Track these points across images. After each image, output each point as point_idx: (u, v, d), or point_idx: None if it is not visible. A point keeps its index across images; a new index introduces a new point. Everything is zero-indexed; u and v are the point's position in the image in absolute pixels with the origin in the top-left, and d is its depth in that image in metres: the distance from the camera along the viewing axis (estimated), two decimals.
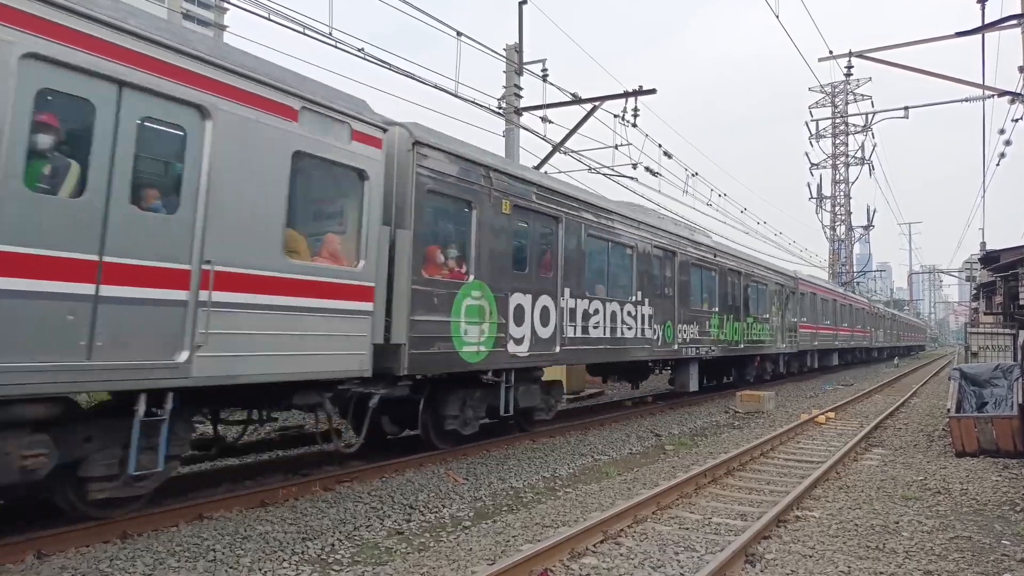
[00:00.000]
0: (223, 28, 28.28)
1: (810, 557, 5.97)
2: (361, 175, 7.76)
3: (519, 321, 10.33)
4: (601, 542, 6.16)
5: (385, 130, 8.17)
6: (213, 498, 6.99)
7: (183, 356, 5.93)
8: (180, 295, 5.94)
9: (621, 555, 5.88)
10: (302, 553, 5.94)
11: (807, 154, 62.46)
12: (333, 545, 6.18)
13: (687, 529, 6.73)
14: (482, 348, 9.54)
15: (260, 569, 5.50)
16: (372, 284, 7.82)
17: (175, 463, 6.55)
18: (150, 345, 5.72)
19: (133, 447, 5.76)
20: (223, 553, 5.77)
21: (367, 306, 7.75)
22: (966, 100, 23.16)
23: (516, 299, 10.27)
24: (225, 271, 6.27)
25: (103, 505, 6.11)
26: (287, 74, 7.10)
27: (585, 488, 8.57)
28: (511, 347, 10.12)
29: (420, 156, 8.59)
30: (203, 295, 6.07)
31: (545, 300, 10.94)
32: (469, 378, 9.82)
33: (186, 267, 5.99)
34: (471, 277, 9.45)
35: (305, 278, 7.05)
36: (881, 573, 5.64)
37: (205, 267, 6.08)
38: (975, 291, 37.50)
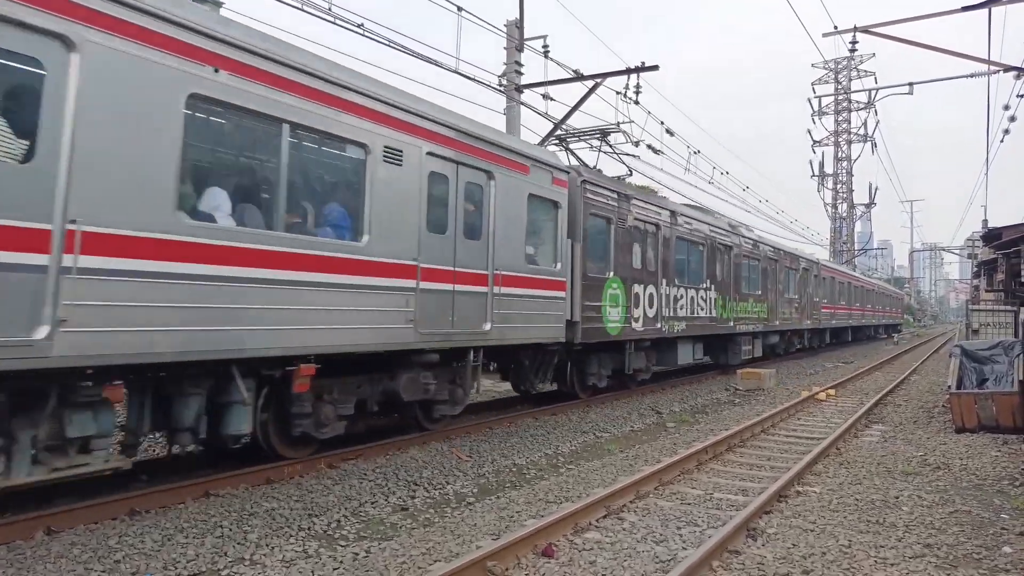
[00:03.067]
0: (219, 4, 27.94)
1: (811, 531, 6.04)
2: (556, 205, 11.30)
3: (637, 305, 13.80)
4: (604, 517, 6.23)
5: (568, 173, 11.84)
6: (219, 476, 7.05)
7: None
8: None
9: (624, 530, 5.95)
10: (308, 529, 6.01)
11: (809, 131, 62.07)
12: (339, 521, 6.25)
13: (689, 504, 6.80)
14: (618, 324, 13.01)
15: (267, 545, 5.57)
16: (565, 279, 11.42)
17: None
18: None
19: None
20: (230, 529, 5.84)
21: (563, 294, 11.38)
22: (971, 76, 22.91)
23: (636, 288, 13.76)
24: (504, 274, 9.89)
25: None
26: (525, 144, 11.13)
27: (587, 464, 8.64)
28: (633, 324, 13.57)
29: (585, 190, 12.14)
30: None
31: (651, 288, 14.44)
32: (605, 346, 13.18)
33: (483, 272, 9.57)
34: (611, 273, 12.97)
35: (540, 277, 10.84)
36: (882, 547, 5.71)
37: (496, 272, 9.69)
38: (976, 268, 37.43)
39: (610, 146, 16.07)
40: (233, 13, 9.55)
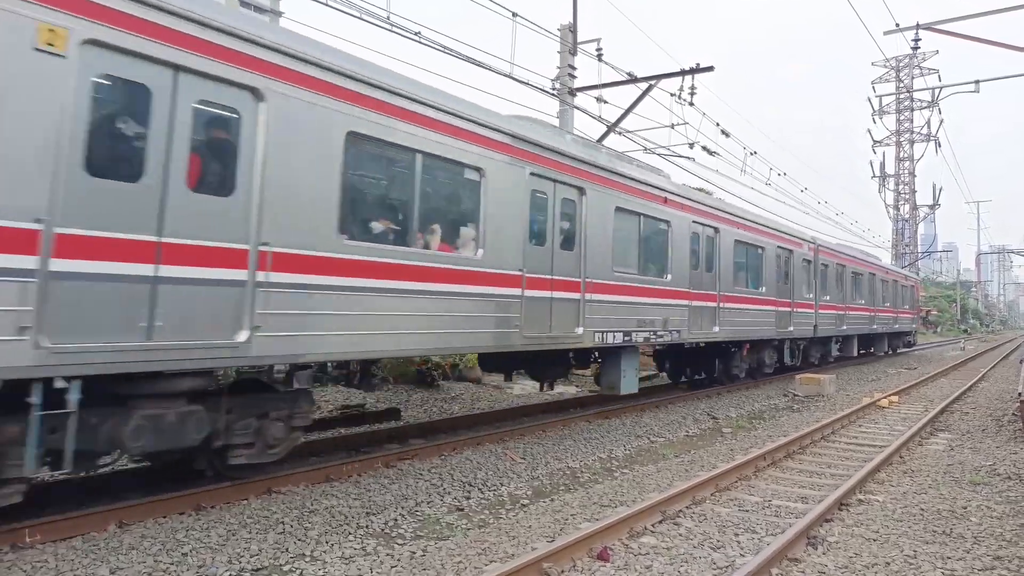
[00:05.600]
0: (279, 14, 28.67)
1: (874, 541, 5.88)
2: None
3: None
4: (660, 522, 6.18)
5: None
6: (281, 473, 7.25)
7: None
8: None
9: (680, 535, 5.89)
10: (367, 527, 6.13)
11: (869, 131, 60.34)
12: (396, 520, 6.36)
13: (747, 511, 6.69)
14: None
15: (327, 542, 5.71)
16: (813, 302, 18.44)
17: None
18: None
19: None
20: (292, 526, 6.00)
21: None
22: None
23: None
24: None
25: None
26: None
27: (642, 469, 8.58)
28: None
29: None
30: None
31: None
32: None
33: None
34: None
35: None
36: (949, 558, 5.53)
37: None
38: None
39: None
40: (290, 21, 9.77)
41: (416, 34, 12.27)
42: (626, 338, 11.23)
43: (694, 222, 13.61)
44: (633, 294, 11.49)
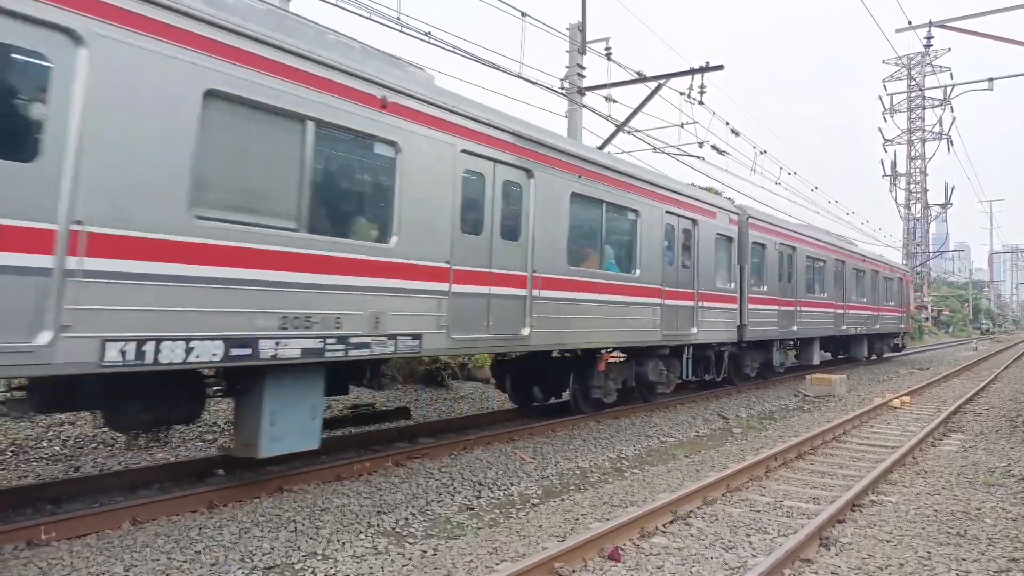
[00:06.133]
0: (286, 12, 28.66)
1: (887, 542, 5.84)
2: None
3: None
4: (671, 522, 6.17)
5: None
6: (291, 472, 7.28)
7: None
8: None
9: (691, 536, 5.87)
10: (378, 526, 6.15)
11: (880, 129, 59.99)
12: (407, 519, 6.37)
13: (758, 512, 6.66)
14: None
15: (339, 540, 5.72)
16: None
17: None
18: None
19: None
20: (303, 524, 6.02)
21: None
22: None
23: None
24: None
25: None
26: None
27: (652, 469, 8.56)
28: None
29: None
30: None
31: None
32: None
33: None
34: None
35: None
36: (963, 559, 5.48)
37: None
38: None
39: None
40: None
41: (426, 34, 12.30)
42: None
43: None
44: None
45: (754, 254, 16.00)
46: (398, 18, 11.17)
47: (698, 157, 19.04)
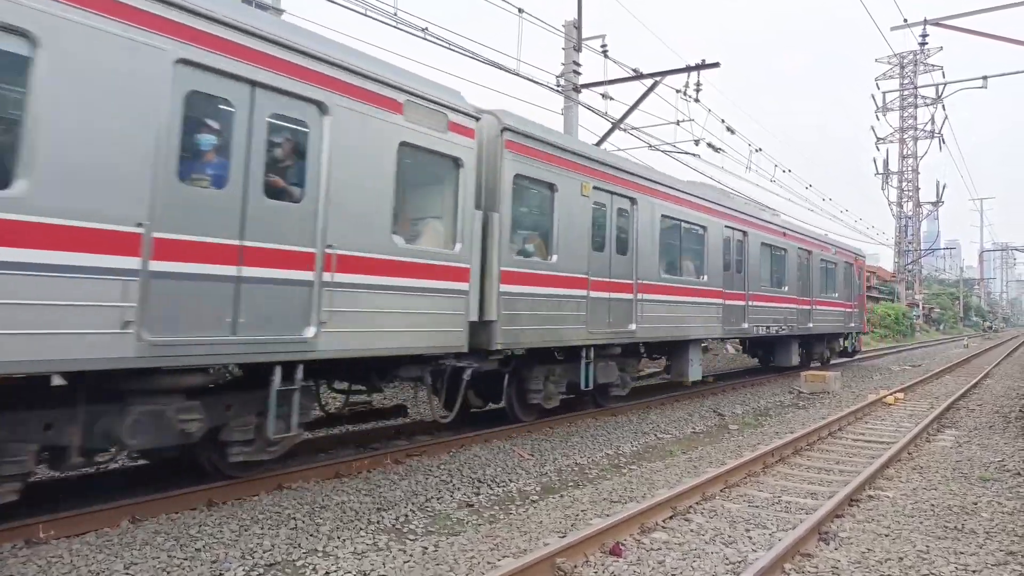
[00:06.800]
0: (280, 12, 28.53)
1: (886, 536, 5.87)
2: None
3: None
4: (670, 518, 6.18)
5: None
6: (290, 469, 7.26)
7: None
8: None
9: (691, 531, 5.89)
10: (378, 523, 6.14)
11: (872, 128, 60.24)
12: (407, 516, 6.37)
13: (757, 507, 6.69)
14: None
15: (339, 537, 5.71)
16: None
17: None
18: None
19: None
20: (303, 521, 6.01)
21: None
22: None
23: None
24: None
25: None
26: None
27: (650, 466, 8.58)
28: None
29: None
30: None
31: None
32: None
33: None
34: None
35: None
36: (961, 553, 5.52)
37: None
38: None
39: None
40: (293, 17, 9.73)
41: (423, 30, 12.27)
42: None
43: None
44: None
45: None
46: (395, 14, 11.14)
47: (694, 155, 19.07)
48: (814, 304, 19.56)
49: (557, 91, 16.29)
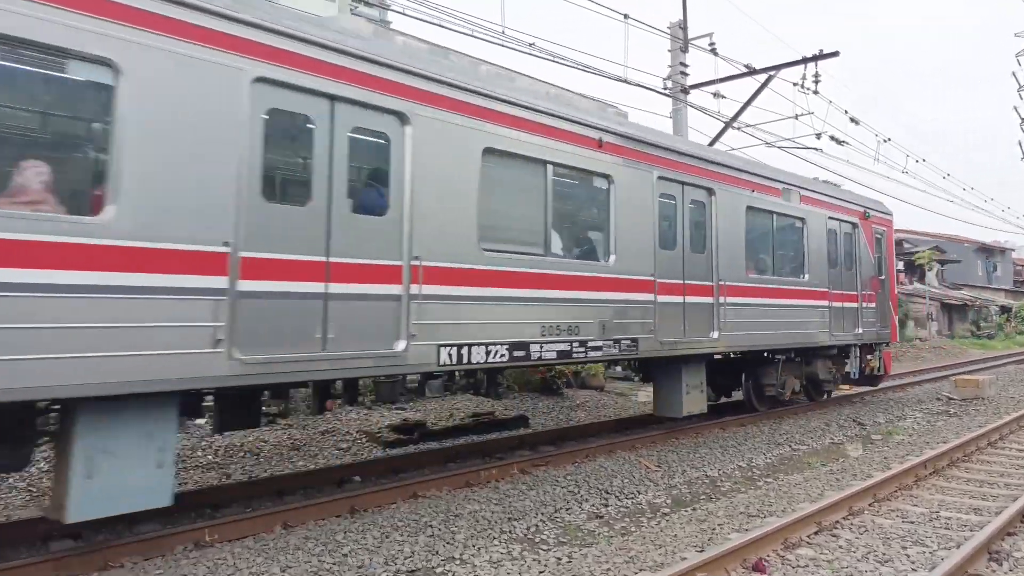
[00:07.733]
0: (389, 23, 29.52)
1: None
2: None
3: None
4: (816, 533, 5.87)
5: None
6: (423, 479, 7.46)
7: None
8: None
9: (840, 547, 5.56)
10: (510, 532, 6.20)
11: (1016, 108, 55.17)
12: (537, 526, 6.39)
13: (912, 523, 6.23)
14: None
15: (474, 545, 5.81)
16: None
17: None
18: None
19: None
20: (439, 529, 6.15)
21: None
22: None
23: None
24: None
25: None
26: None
27: (787, 478, 8.19)
28: None
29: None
30: None
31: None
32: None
33: None
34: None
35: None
36: None
37: None
38: None
39: None
40: (402, 37, 10.05)
41: (530, 45, 12.41)
42: None
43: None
44: None
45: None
46: (503, 32, 11.33)
47: (815, 149, 18.14)
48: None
49: (665, 94, 15.99)
